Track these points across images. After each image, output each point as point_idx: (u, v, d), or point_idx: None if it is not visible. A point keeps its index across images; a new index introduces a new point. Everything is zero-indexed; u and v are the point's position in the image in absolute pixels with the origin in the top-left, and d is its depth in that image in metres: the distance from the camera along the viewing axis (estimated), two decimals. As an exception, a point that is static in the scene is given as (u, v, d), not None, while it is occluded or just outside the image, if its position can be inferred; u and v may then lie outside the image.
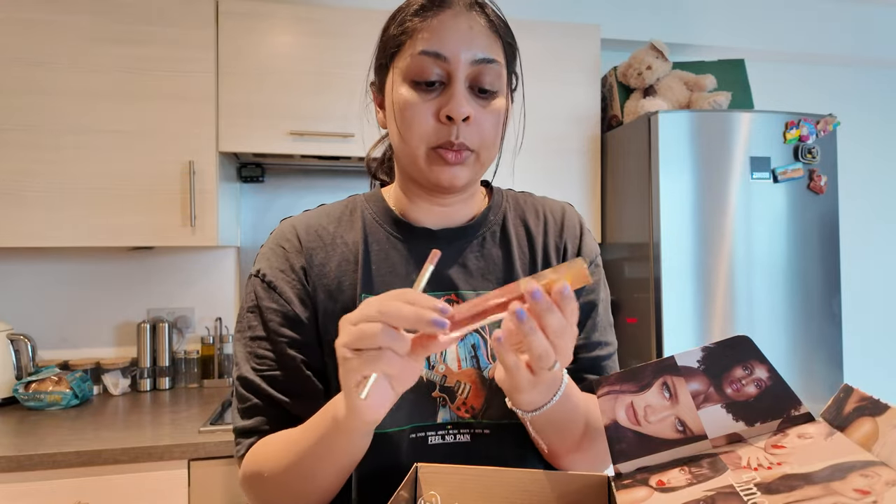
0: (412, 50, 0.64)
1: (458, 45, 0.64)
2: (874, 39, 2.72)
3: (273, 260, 0.72)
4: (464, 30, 0.64)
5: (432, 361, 0.69)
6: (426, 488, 0.60)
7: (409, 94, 0.65)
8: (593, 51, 2.14)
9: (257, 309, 0.71)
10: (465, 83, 0.64)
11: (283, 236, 0.74)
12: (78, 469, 1.41)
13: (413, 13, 0.65)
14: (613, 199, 2.12)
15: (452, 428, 0.68)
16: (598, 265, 0.80)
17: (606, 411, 0.56)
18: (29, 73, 1.72)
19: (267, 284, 0.71)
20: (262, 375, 0.68)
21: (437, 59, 0.63)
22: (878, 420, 0.44)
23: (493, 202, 0.79)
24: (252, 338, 0.70)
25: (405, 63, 0.65)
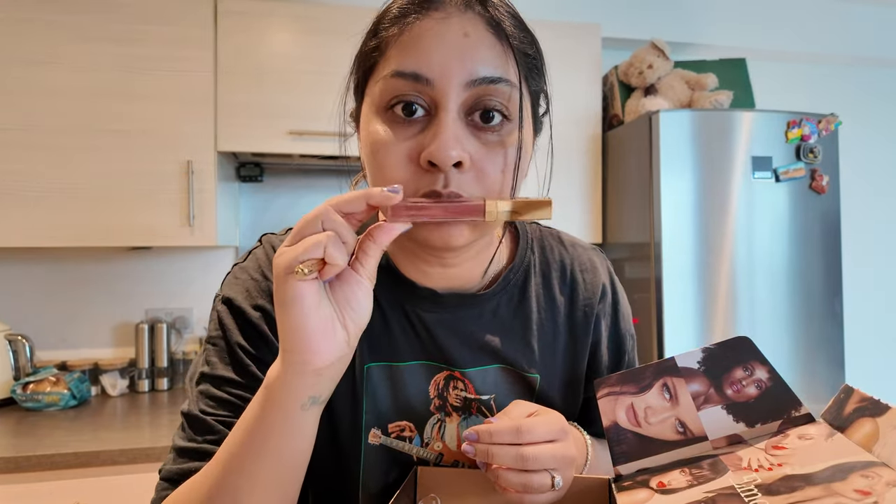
0: (385, 70, 0.49)
1: (446, 61, 0.47)
2: (876, 38, 2.72)
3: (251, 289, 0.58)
4: (455, 38, 0.47)
5: (426, 438, 0.60)
6: (426, 491, 0.59)
7: (381, 129, 0.49)
8: (594, 50, 2.14)
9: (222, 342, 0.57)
10: (457, 113, 0.48)
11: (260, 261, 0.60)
12: (76, 470, 1.41)
13: (391, 18, 0.50)
14: (614, 199, 2.12)
15: None
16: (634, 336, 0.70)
17: (607, 412, 0.56)
18: (29, 73, 1.72)
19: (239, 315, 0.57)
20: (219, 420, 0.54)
21: (416, 83, 0.47)
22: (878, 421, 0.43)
23: (516, 261, 0.63)
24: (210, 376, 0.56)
25: (378, 87, 0.49)
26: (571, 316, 0.65)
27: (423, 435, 0.61)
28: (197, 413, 0.54)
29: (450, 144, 0.46)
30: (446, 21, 0.47)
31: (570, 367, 0.65)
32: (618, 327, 0.68)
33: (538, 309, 0.63)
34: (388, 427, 0.60)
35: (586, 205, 2.14)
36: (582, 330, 0.65)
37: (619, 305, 0.68)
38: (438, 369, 0.61)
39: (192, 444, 0.54)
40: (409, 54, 0.47)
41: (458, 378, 0.61)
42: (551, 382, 0.63)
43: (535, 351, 0.62)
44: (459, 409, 0.61)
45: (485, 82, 0.47)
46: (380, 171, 0.49)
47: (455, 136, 0.46)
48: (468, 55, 0.47)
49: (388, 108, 0.49)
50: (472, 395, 0.61)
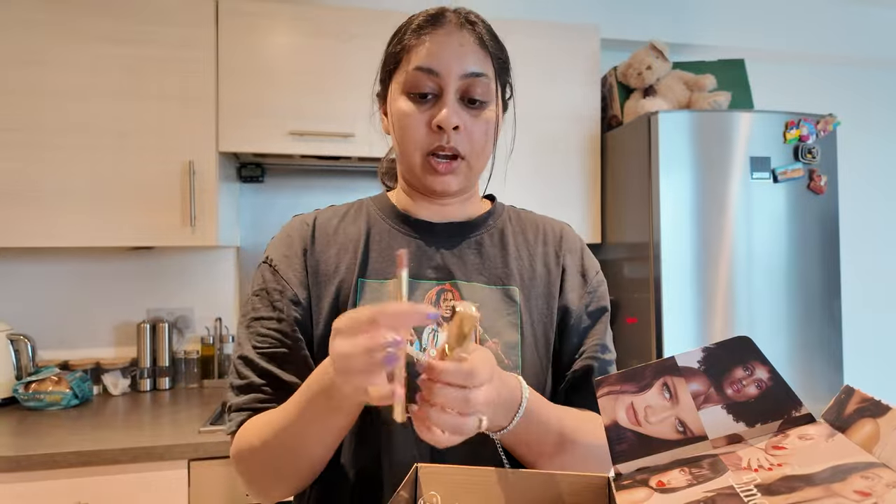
0: (408, 66, 0.71)
1: (449, 62, 0.70)
2: (874, 39, 2.72)
3: (280, 247, 0.77)
4: (455, 47, 0.70)
5: (424, 344, 0.73)
6: (426, 488, 0.60)
7: (406, 105, 0.71)
8: (593, 51, 2.14)
9: (263, 291, 0.75)
10: (455, 95, 0.71)
11: (291, 226, 0.80)
12: (78, 469, 1.41)
13: (411, 32, 0.72)
14: (613, 199, 2.12)
15: None
16: (603, 279, 0.84)
17: (607, 411, 0.56)
18: (29, 73, 1.72)
19: (273, 269, 0.76)
20: (262, 353, 0.72)
21: (430, 74, 0.70)
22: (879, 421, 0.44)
23: (494, 209, 0.84)
24: (255, 318, 0.74)
25: (403, 77, 0.72)
26: (545, 253, 0.81)
27: (421, 342, 0.73)
28: (246, 353, 0.72)
29: (451, 114, 0.70)
30: (449, 35, 0.71)
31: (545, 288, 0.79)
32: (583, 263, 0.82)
33: (515, 245, 0.81)
34: None
35: (585, 205, 2.14)
36: (553, 262, 0.81)
37: (585, 252, 0.84)
38: (430, 285, 0.75)
39: (246, 381, 0.71)
40: (426, 56, 0.70)
41: (448, 290, 0.75)
42: (529, 296, 0.77)
43: (514, 272, 0.78)
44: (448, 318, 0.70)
45: (472, 76, 0.71)
46: (406, 132, 0.72)
47: (455, 110, 0.70)
48: (463, 58, 0.70)
49: (411, 91, 0.71)
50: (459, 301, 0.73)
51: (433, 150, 0.71)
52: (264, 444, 0.66)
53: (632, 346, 1.96)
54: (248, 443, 0.67)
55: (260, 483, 0.69)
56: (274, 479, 0.68)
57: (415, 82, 0.70)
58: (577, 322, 0.79)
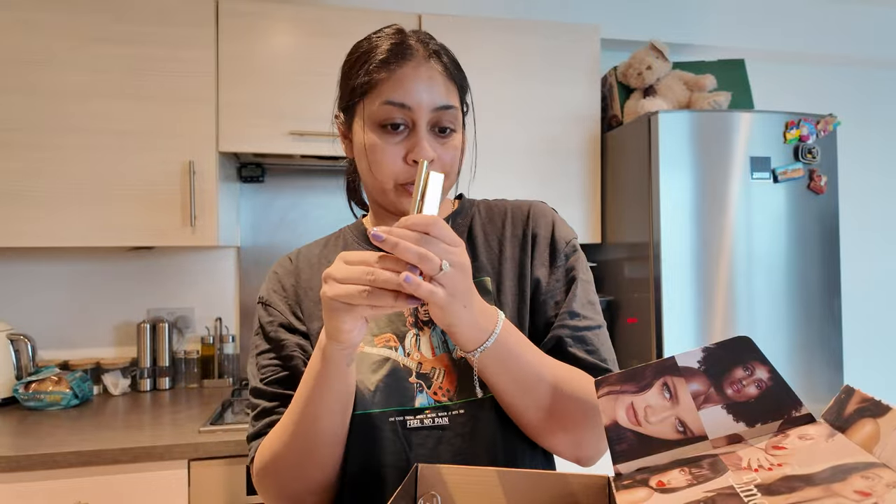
0: (378, 99, 0.71)
1: (419, 95, 0.70)
2: (874, 39, 2.72)
3: (269, 284, 0.82)
4: (424, 80, 0.71)
5: (407, 349, 0.75)
6: (426, 488, 0.60)
7: (377, 138, 0.72)
8: (593, 51, 2.14)
9: (261, 328, 0.80)
10: (426, 128, 0.72)
11: (277, 265, 0.85)
12: (78, 469, 1.41)
13: (378, 64, 0.71)
14: (613, 199, 2.12)
15: (431, 412, 0.72)
16: (576, 248, 0.82)
17: (607, 411, 0.56)
18: (29, 73, 1.72)
19: (265, 305, 0.81)
20: (267, 381, 0.76)
21: (401, 108, 0.70)
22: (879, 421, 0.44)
23: (460, 207, 0.85)
24: (258, 353, 0.78)
25: (372, 109, 0.72)
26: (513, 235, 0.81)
27: (404, 348, 0.75)
28: (255, 385, 0.77)
29: (426, 148, 0.71)
30: (417, 69, 0.72)
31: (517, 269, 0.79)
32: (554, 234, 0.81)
33: (484, 236, 0.82)
34: (374, 339, 0.75)
35: (585, 205, 2.14)
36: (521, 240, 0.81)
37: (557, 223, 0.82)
38: None
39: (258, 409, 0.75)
40: (396, 90, 0.71)
41: None
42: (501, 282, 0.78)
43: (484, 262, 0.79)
44: (428, 322, 0.76)
45: (442, 108, 0.72)
46: (377, 166, 0.72)
47: (429, 143, 0.71)
48: (432, 91, 0.72)
49: (382, 124, 0.71)
50: None
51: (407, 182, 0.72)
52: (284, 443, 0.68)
53: (632, 346, 1.96)
54: (271, 451, 0.70)
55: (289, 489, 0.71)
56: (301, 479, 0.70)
57: (386, 115, 0.71)
58: (548, 295, 0.78)
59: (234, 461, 1.51)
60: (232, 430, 1.54)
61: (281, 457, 0.69)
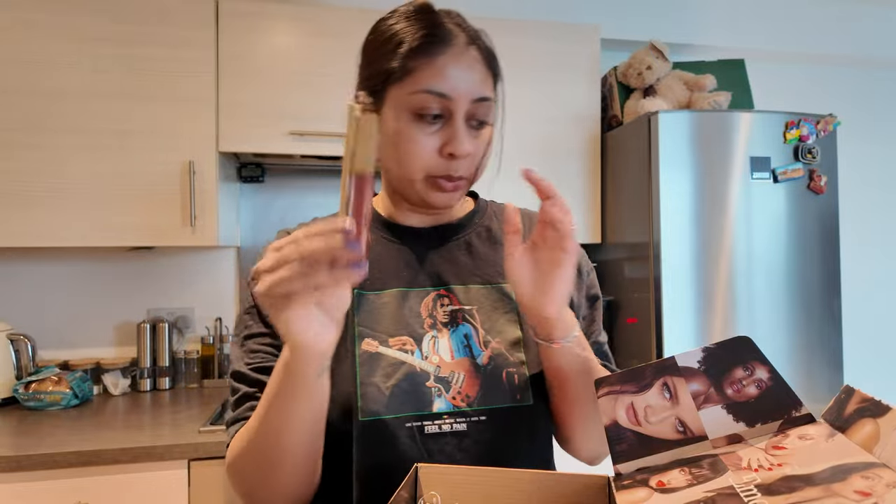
0: (415, 86, 0.66)
1: (459, 85, 0.66)
2: (874, 39, 2.72)
3: None
4: (465, 70, 0.67)
5: (425, 352, 0.71)
6: (426, 488, 0.60)
7: (411, 126, 0.68)
8: (593, 51, 2.14)
9: (254, 308, 0.74)
10: (463, 119, 0.68)
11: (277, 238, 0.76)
12: (78, 469, 1.41)
13: (415, 48, 0.66)
14: (613, 199, 2.12)
15: (448, 417, 0.69)
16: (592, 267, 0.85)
17: (607, 411, 0.56)
18: (29, 73, 1.72)
19: None
20: (253, 367, 0.70)
21: (440, 98, 0.66)
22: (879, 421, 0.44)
23: (477, 207, 0.84)
24: (247, 336, 0.73)
25: (407, 96, 0.67)
26: None
27: (422, 351, 0.71)
28: (238, 368, 0.71)
29: (465, 142, 0.67)
30: (459, 56, 0.67)
31: None
32: None
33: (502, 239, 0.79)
34: (389, 341, 0.71)
35: (585, 205, 2.14)
36: None
37: None
38: (426, 292, 0.74)
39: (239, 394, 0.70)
40: (436, 78, 0.66)
41: (444, 295, 0.75)
42: None
43: None
44: (448, 324, 0.74)
45: (481, 100, 0.68)
46: (409, 157, 0.68)
47: (466, 136, 0.68)
48: (472, 81, 0.68)
49: (418, 113, 0.67)
50: (457, 306, 0.74)
51: (440, 175, 0.69)
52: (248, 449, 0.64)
53: (632, 346, 1.96)
54: (238, 447, 0.65)
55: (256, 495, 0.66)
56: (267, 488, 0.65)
57: (423, 105, 0.66)
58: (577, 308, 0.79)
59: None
60: (232, 430, 1.54)
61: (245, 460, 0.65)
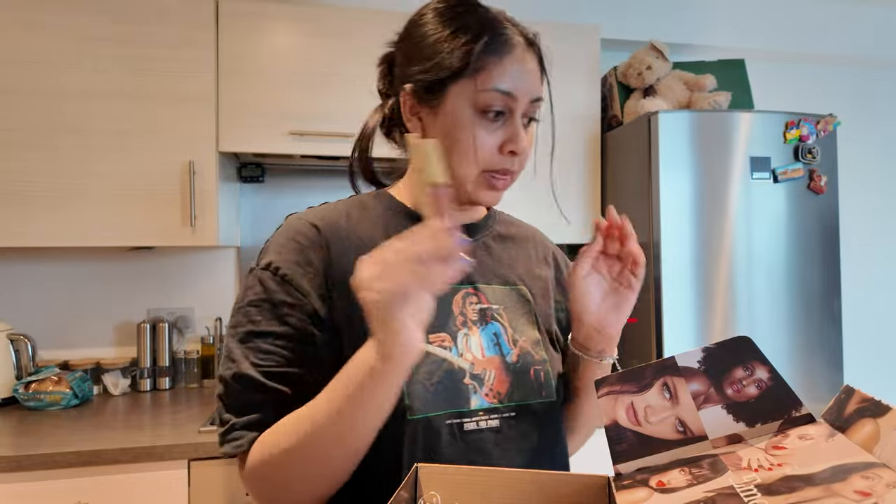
0: (484, 84, 0.69)
1: (522, 85, 0.70)
2: (874, 39, 2.72)
3: (287, 254, 0.69)
4: (527, 71, 0.71)
5: (460, 349, 0.71)
6: (426, 488, 0.60)
7: (475, 122, 0.70)
8: (593, 51, 2.14)
9: (266, 303, 0.67)
10: (520, 118, 0.72)
11: (297, 230, 0.71)
12: (78, 469, 1.41)
13: (486, 48, 0.69)
14: (613, 200, 2.12)
15: (483, 414, 0.70)
16: None
17: (607, 411, 0.56)
18: (29, 73, 1.72)
19: (281, 278, 0.67)
20: (265, 372, 0.64)
21: (506, 97, 0.69)
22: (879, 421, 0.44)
23: (490, 212, 0.86)
24: (255, 333, 0.66)
25: (474, 93, 0.69)
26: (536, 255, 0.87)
27: (457, 347, 0.72)
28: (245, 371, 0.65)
29: (524, 140, 0.71)
30: (522, 58, 0.71)
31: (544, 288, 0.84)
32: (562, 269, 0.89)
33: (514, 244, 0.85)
34: (430, 338, 0.70)
35: (585, 205, 2.14)
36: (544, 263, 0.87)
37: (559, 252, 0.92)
38: (455, 290, 0.75)
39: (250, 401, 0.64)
40: (505, 78, 0.69)
41: (473, 293, 0.76)
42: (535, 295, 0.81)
43: (521, 272, 0.82)
44: (477, 321, 0.75)
45: (536, 100, 0.72)
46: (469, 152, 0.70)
47: (524, 134, 0.72)
48: (532, 82, 0.71)
49: (483, 110, 0.69)
50: (486, 305, 0.76)
51: (495, 170, 0.71)
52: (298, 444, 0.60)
53: (632, 346, 1.96)
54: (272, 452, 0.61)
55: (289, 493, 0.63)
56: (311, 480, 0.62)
57: (489, 102, 0.69)
58: None
59: (234, 461, 1.50)
60: (232, 430, 1.54)
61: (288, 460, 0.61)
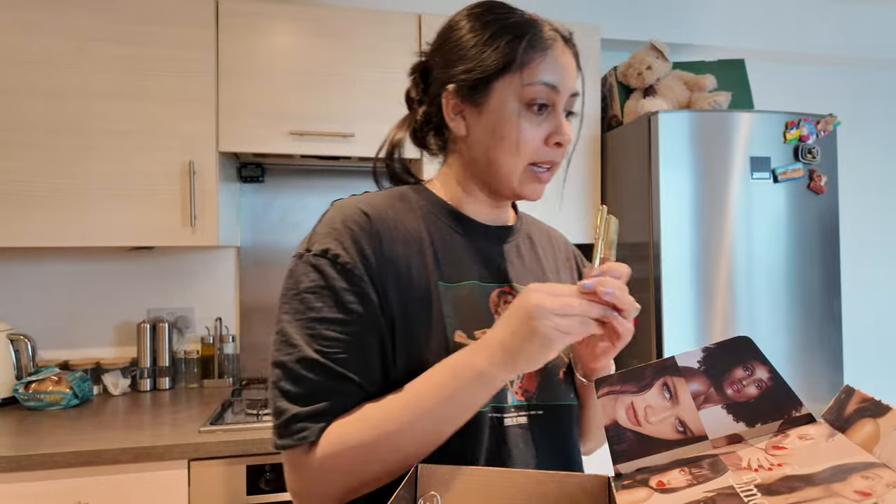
0: (531, 77, 0.71)
1: (565, 79, 0.73)
2: (874, 39, 2.72)
3: (343, 241, 0.68)
4: (568, 65, 0.73)
5: None
6: (426, 488, 0.60)
7: (523, 116, 0.72)
8: (593, 51, 2.14)
9: (326, 290, 0.66)
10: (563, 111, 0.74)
11: (350, 216, 0.70)
12: (78, 469, 1.41)
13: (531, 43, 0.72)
14: (613, 199, 2.12)
15: (515, 410, 0.72)
16: None
17: (607, 411, 0.56)
18: (29, 73, 1.72)
19: (342, 266, 0.67)
20: (333, 358, 0.64)
21: (551, 90, 0.71)
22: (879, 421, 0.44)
23: (520, 215, 0.89)
24: (317, 319, 0.66)
25: (521, 87, 0.71)
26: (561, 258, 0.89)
27: None
28: (308, 355, 0.64)
29: (569, 132, 0.74)
30: (564, 53, 0.73)
31: None
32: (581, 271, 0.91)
33: (542, 250, 0.87)
34: (475, 333, 0.71)
35: (585, 205, 2.14)
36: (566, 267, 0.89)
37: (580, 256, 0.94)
38: (491, 287, 0.76)
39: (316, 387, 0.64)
40: (551, 71, 0.71)
41: (508, 292, 0.77)
42: None
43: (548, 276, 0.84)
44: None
45: (574, 94, 0.75)
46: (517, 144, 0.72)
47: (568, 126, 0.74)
48: (572, 77, 0.74)
49: (531, 103, 0.71)
50: None
51: (542, 162, 0.73)
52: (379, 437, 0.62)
53: (632, 346, 1.95)
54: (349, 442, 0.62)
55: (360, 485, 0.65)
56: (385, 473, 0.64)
57: (535, 95, 0.71)
58: None
59: (234, 461, 1.51)
60: (232, 430, 1.54)
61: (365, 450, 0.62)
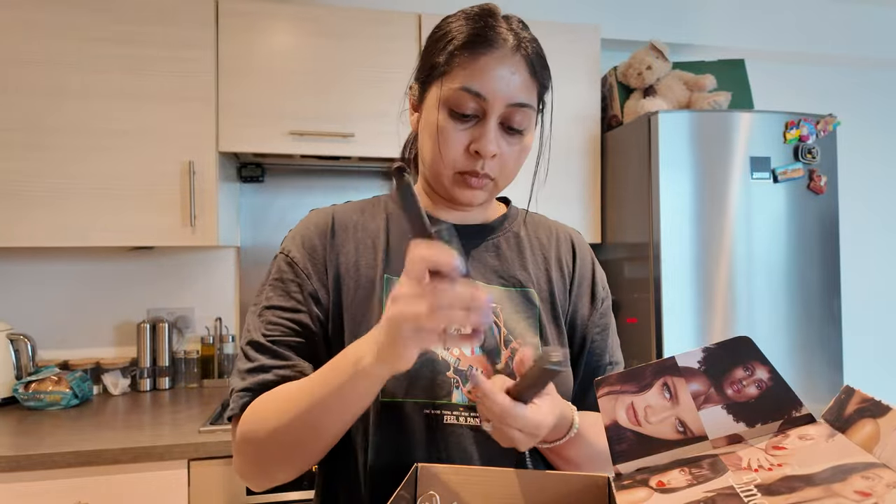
0: (454, 83, 0.69)
1: (497, 89, 0.68)
2: (874, 39, 2.72)
3: (298, 241, 0.77)
4: (505, 76, 0.68)
5: None
6: (426, 488, 0.60)
7: (446, 121, 0.70)
8: (593, 51, 2.14)
9: (278, 281, 0.75)
10: (496, 121, 0.70)
11: (310, 220, 0.79)
12: (78, 469, 1.41)
13: (461, 45, 0.69)
14: (613, 199, 2.12)
15: (465, 410, 0.70)
16: (609, 293, 0.87)
17: (607, 411, 0.56)
18: (29, 73, 1.72)
19: (291, 262, 0.75)
20: (273, 340, 0.71)
21: (475, 97, 0.68)
22: (879, 422, 0.44)
23: (509, 213, 0.86)
24: (267, 307, 0.74)
25: (446, 91, 0.69)
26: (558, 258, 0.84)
27: None
28: (256, 338, 0.72)
29: (491, 143, 0.69)
30: (502, 60, 0.68)
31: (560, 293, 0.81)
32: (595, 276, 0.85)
33: (531, 249, 0.83)
34: None
35: (585, 205, 2.14)
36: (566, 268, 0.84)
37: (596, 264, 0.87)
38: None
39: (257, 363, 0.71)
40: (474, 78, 0.68)
41: None
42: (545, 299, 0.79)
43: (531, 275, 0.80)
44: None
45: (516, 105, 0.69)
46: (439, 150, 0.71)
47: (495, 138, 0.70)
48: (511, 87, 0.69)
49: (453, 108, 0.69)
50: None
51: (466, 171, 0.71)
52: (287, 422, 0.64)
53: (632, 346, 1.96)
54: (264, 423, 0.66)
55: (269, 465, 0.68)
56: (289, 459, 0.66)
57: (458, 101, 0.69)
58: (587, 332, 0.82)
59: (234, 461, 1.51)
60: (232, 430, 1.54)
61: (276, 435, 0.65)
